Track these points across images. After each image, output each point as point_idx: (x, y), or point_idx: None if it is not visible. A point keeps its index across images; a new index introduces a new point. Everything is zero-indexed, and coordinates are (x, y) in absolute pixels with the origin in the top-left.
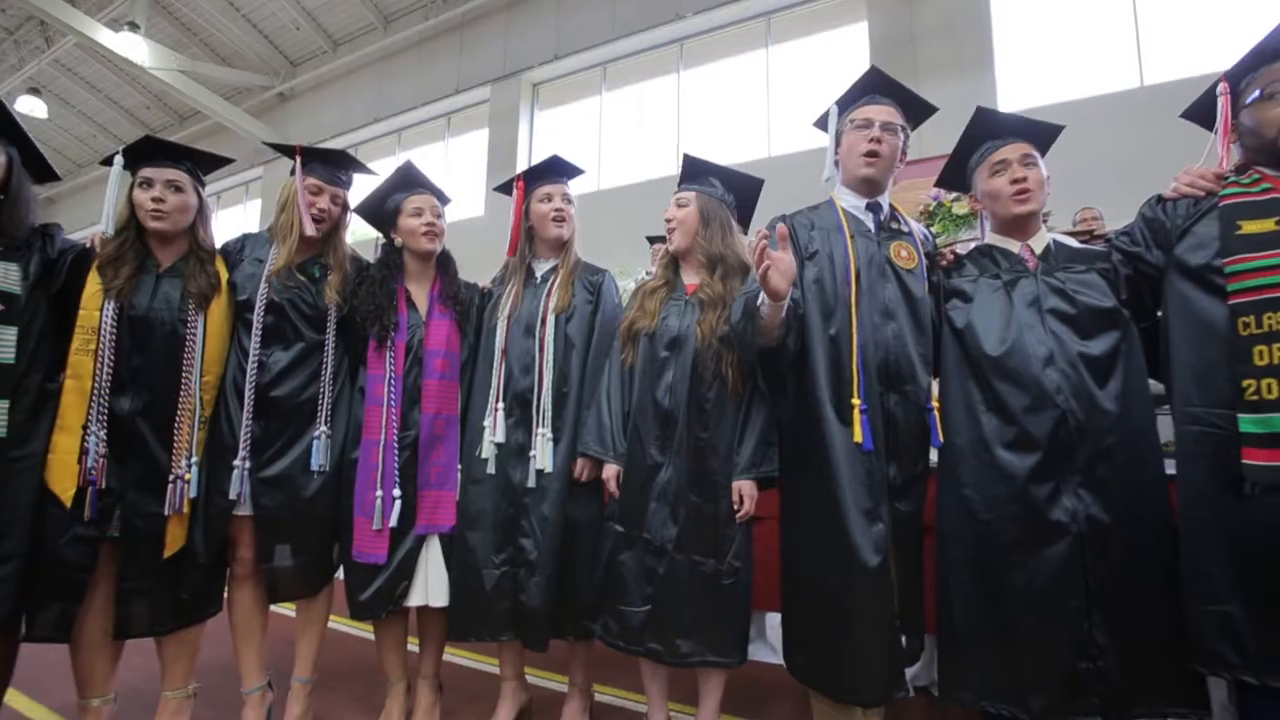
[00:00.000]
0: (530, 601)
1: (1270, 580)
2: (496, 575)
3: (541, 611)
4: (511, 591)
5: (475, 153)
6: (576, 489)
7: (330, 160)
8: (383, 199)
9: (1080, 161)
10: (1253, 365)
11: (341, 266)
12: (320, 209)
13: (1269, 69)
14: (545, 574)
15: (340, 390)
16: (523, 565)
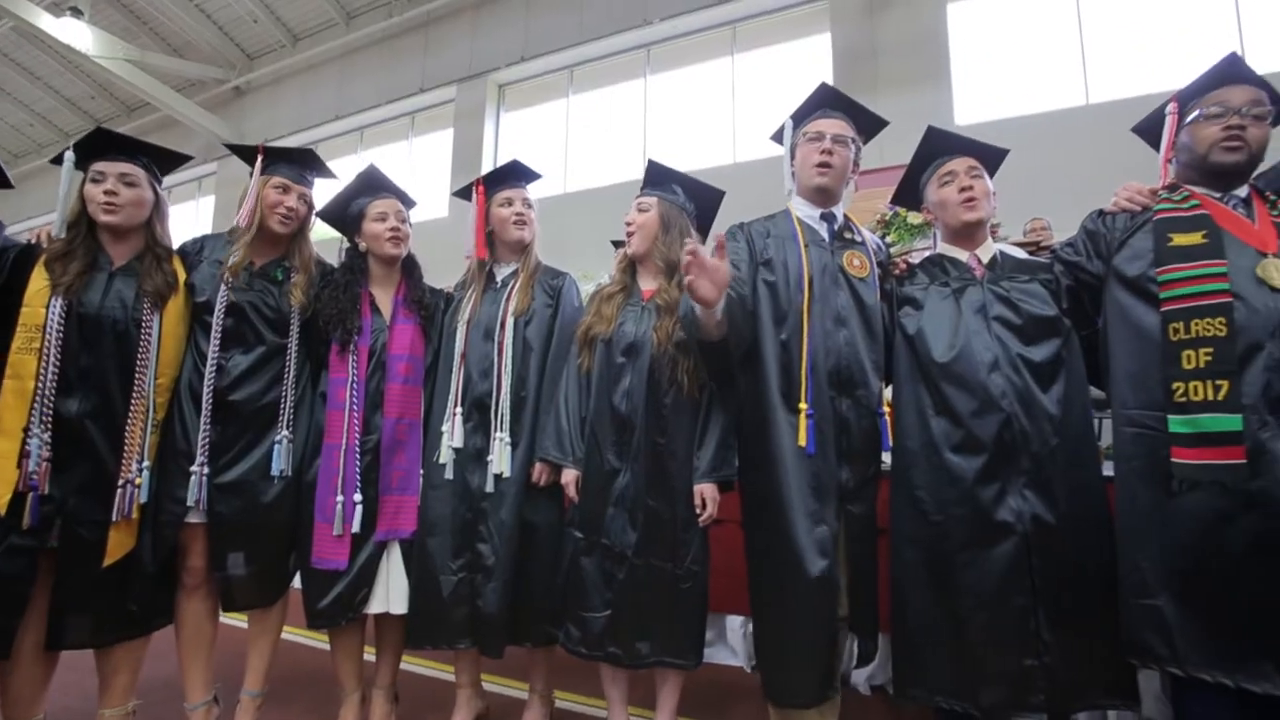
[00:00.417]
0: (487, 607)
1: (1195, 575)
2: (454, 581)
3: (498, 618)
4: (469, 598)
5: (440, 153)
6: (534, 493)
7: (295, 159)
8: (347, 203)
9: (1030, 174)
10: (1181, 369)
11: (307, 268)
12: (289, 208)
13: (1213, 94)
14: (502, 579)
15: (302, 394)
16: (480, 571)
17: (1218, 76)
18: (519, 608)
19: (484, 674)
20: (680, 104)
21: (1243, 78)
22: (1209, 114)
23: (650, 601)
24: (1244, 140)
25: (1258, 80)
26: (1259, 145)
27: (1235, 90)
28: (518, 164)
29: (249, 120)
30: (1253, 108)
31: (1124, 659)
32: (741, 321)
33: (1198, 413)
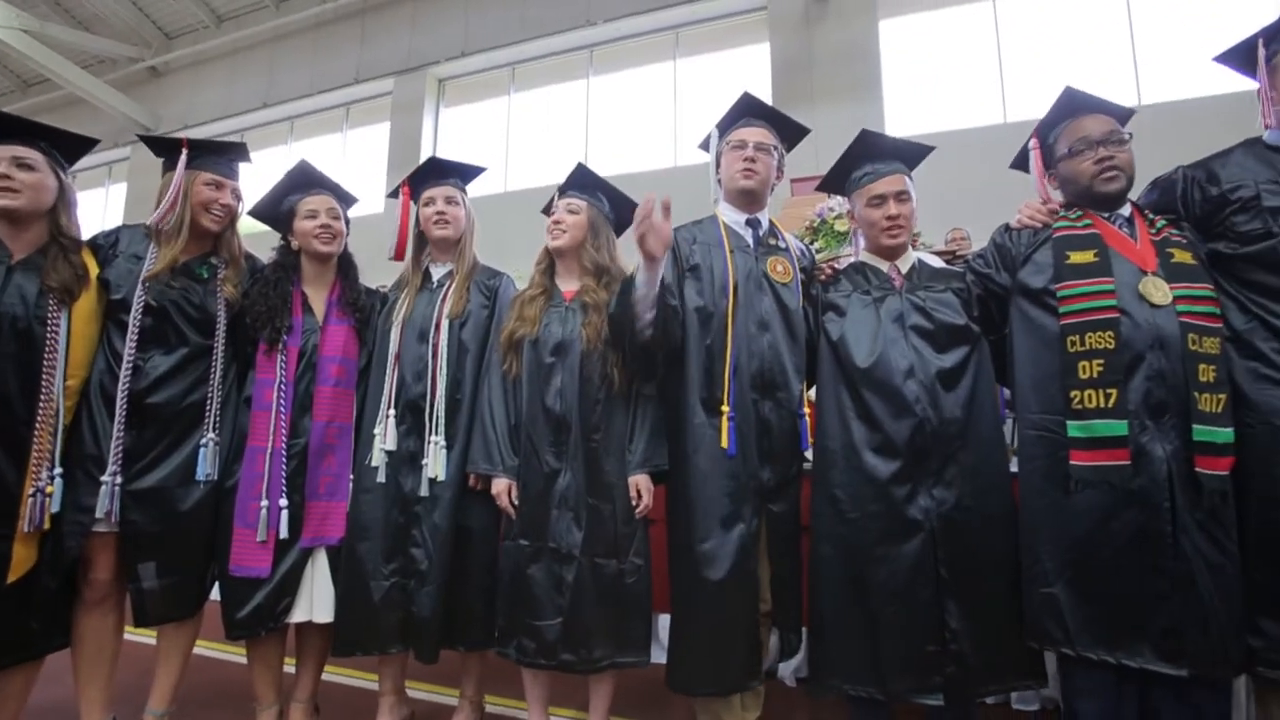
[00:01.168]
0: (421, 612)
1: (1086, 565)
2: (386, 586)
3: (432, 622)
4: (401, 603)
5: (376, 147)
6: (470, 497)
7: (225, 152)
8: (279, 199)
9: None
10: (1078, 378)
11: (237, 264)
12: (224, 205)
13: (1069, 125)
14: (436, 584)
15: (228, 397)
16: (413, 576)
17: (1066, 109)
18: (453, 612)
19: (410, 681)
20: (623, 106)
21: (1090, 107)
22: (1076, 149)
23: (599, 601)
24: (1118, 168)
25: (1100, 105)
26: (1130, 167)
27: (1090, 121)
28: (436, 161)
29: (167, 104)
30: (1112, 136)
31: (1027, 643)
32: (669, 324)
33: (1091, 419)
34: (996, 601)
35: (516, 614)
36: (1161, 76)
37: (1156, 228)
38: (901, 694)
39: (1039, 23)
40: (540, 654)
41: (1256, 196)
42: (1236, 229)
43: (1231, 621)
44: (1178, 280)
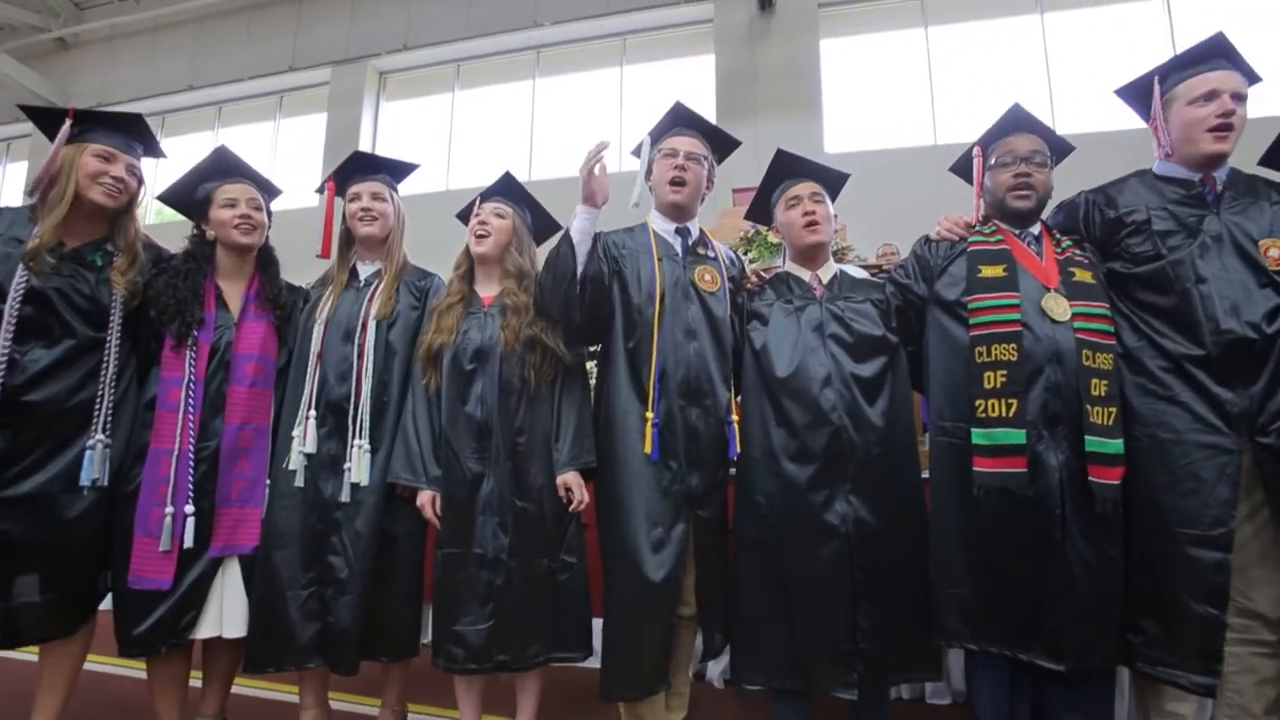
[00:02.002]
0: (339, 622)
1: (986, 567)
2: (303, 596)
3: (351, 633)
4: (319, 613)
5: (311, 138)
6: (395, 503)
7: (118, 125)
8: (193, 185)
9: (886, 203)
10: (983, 388)
11: (134, 252)
12: (115, 178)
13: (1004, 141)
14: (355, 593)
15: (124, 395)
16: (331, 584)
17: (1008, 125)
18: (375, 621)
19: (331, 692)
20: (568, 110)
21: (1026, 126)
22: (1002, 161)
23: (532, 600)
24: (1031, 187)
25: (1038, 128)
26: (1044, 189)
27: (1021, 139)
28: (360, 155)
29: (78, 79)
30: (1035, 156)
31: (931, 640)
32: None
33: (994, 427)
34: (903, 602)
35: (443, 622)
36: (1076, 109)
37: (1062, 247)
38: (819, 686)
39: (967, 52)
40: (470, 659)
41: (1148, 221)
42: (1130, 250)
43: (1107, 621)
44: (1077, 298)
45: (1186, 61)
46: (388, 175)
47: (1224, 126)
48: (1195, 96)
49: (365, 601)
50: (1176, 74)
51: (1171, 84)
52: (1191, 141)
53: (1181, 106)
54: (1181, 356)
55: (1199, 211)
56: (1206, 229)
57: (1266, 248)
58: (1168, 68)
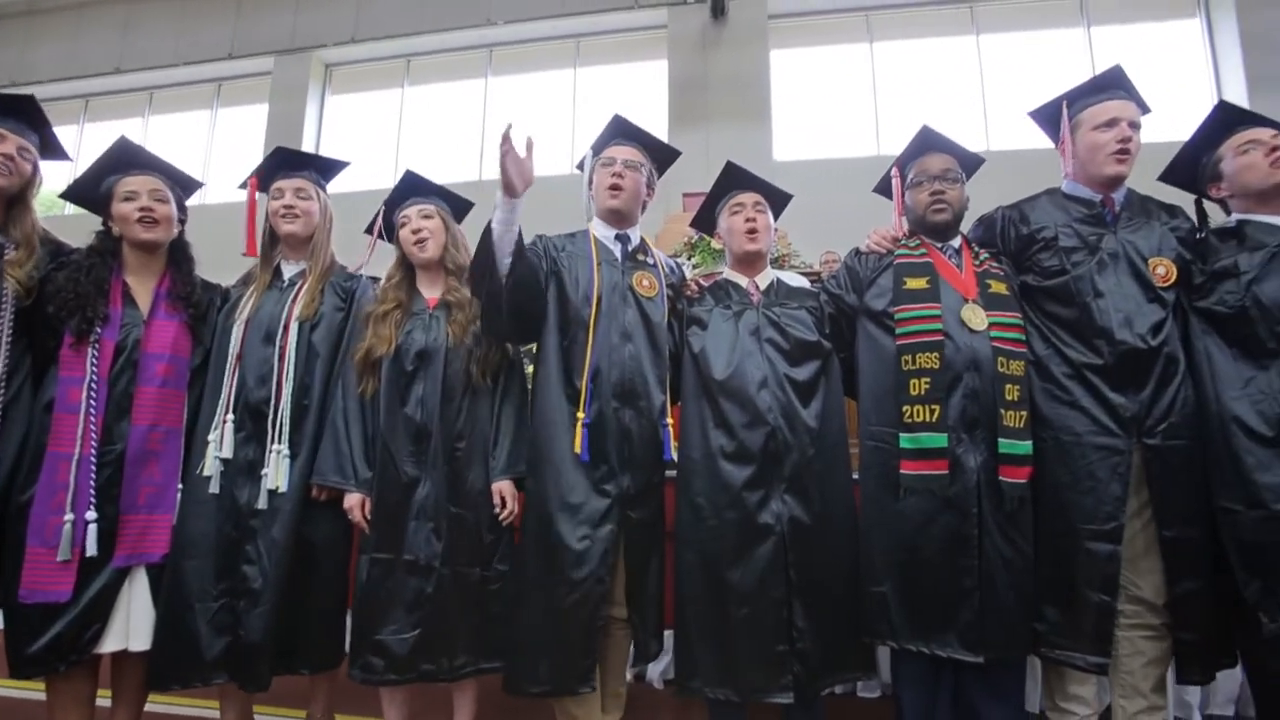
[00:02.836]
0: (249, 636)
1: (909, 565)
2: (213, 609)
3: (262, 647)
4: (229, 626)
5: (252, 130)
6: (315, 509)
7: (7, 106)
8: (96, 179)
9: (830, 210)
10: (909, 394)
11: (29, 244)
12: (5, 156)
13: (919, 161)
14: (269, 604)
15: (15, 398)
16: (244, 595)
17: (920, 146)
18: (292, 633)
19: (256, 706)
20: (521, 109)
21: (937, 146)
22: (917, 181)
23: (461, 610)
24: (946, 203)
25: (948, 147)
26: (959, 204)
27: (933, 158)
28: (284, 151)
29: None
30: (947, 173)
31: (860, 638)
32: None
33: (919, 431)
34: (837, 601)
35: (366, 631)
36: (1008, 126)
37: (980, 259)
38: (755, 695)
39: (908, 68)
40: (391, 670)
41: (1055, 237)
42: (1040, 265)
43: (1021, 612)
44: (993, 309)
45: (1090, 90)
46: (315, 173)
47: (1123, 151)
48: (1099, 122)
49: (279, 613)
50: (1082, 100)
51: (1078, 109)
52: (1095, 163)
53: (1087, 131)
54: (1082, 364)
55: (1099, 230)
56: (1104, 247)
57: (1154, 265)
58: (1074, 94)
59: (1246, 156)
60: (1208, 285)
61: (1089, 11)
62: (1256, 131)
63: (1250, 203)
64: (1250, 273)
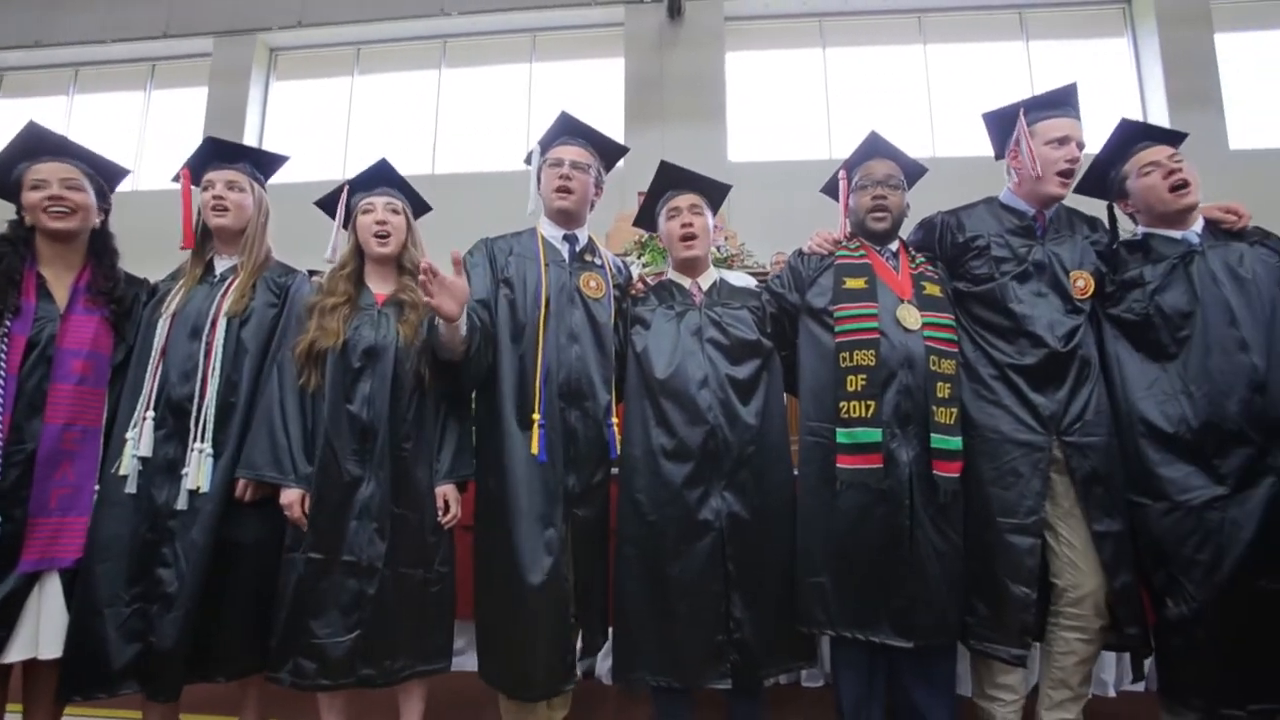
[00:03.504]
0: (161, 643)
1: (845, 557)
2: (125, 614)
3: (173, 654)
4: (141, 633)
5: (190, 114)
6: (240, 509)
7: None
8: (8, 166)
9: (783, 212)
10: (846, 390)
11: None
12: None
13: (865, 166)
14: (184, 609)
15: None
16: (158, 600)
17: (867, 150)
18: (210, 639)
19: (183, 714)
20: (475, 104)
21: (883, 152)
22: (861, 184)
23: (403, 612)
24: (887, 209)
25: (893, 153)
26: (898, 210)
27: (878, 164)
28: (213, 141)
29: None
30: (890, 180)
31: (798, 628)
32: (484, 349)
33: (855, 427)
34: (775, 593)
35: (296, 633)
36: (953, 135)
37: (916, 262)
38: (695, 680)
39: (859, 74)
40: (324, 674)
41: (988, 246)
42: (972, 271)
43: (952, 600)
44: (927, 309)
45: (1047, 103)
46: (250, 165)
47: (1069, 173)
48: (1051, 138)
49: (194, 619)
50: (1037, 112)
51: (1033, 120)
52: (1043, 180)
53: (1039, 144)
54: (1007, 366)
55: (1029, 242)
56: (1032, 258)
57: (1075, 279)
58: (1031, 104)
59: (1148, 179)
60: (1117, 294)
61: (1028, 27)
62: (1156, 152)
63: (1153, 219)
64: (1153, 283)
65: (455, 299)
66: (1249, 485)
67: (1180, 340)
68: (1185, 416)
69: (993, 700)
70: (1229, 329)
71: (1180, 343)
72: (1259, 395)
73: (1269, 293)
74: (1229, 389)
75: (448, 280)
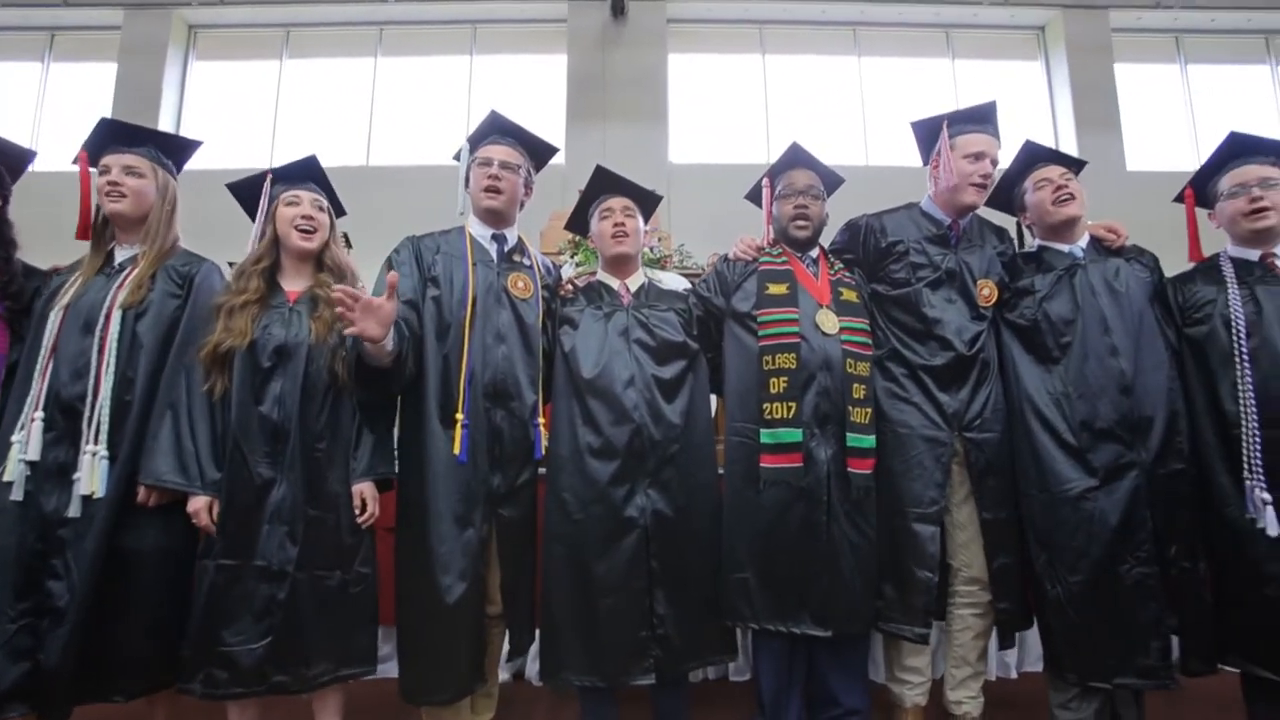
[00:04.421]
0: (48, 661)
1: (767, 552)
2: (11, 631)
3: (61, 672)
4: (30, 650)
5: (98, 90)
6: (139, 515)
7: None
8: None
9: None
10: (769, 392)
11: None
12: None
13: (787, 175)
14: (73, 624)
15: None
16: (48, 614)
17: (790, 160)
18: (109, 656)
19: None
20: (413, 94)
21: (804, 163)
22: (784, 193)
23: (319, 616)
24: (808, 218)
25: (814, 164)
26: (819, 219)
27: (799, 174)
28: (113, 124)
29: None
30: (811, 189)
31: (723, 622)
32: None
33: (777, 427)
34: (698, 589)
35: (208, 642)
36: (886, 144)
37: (835, 269)
38: (619, 679)
39: (797, 82)
40: (236, 682)
41: (906, 251)
42: (891, 275)
43: (866, 590)
44: (844, 314)
45: (969, 117)
46: (154, 149)
47: (982, 185)
48: (968, 152)
49: (85, 634)
50: (960, 125)
51: (955, 133)
52: (958, 191)
53: (958, 157)
54: (918, 366)
55: (943, 250)
56: (945, 264)
57: (981, 287)
58: (955, 117)
59: (1040, 193)
60: (1013, 301)
61: (954, 45)
62: (1050, 170)
63: (1045, 231)
64: (1042, 291)
65: (381, 322)
66: (1116, 477)
67: (1064, 345)
68: (1067, 415)
69: (903, 683)
70: (1104, 336)
71: (1064, 348)
72: (1126, 397)
73: (1138, 305)
74: (1102, 390)
75: (375, 303)
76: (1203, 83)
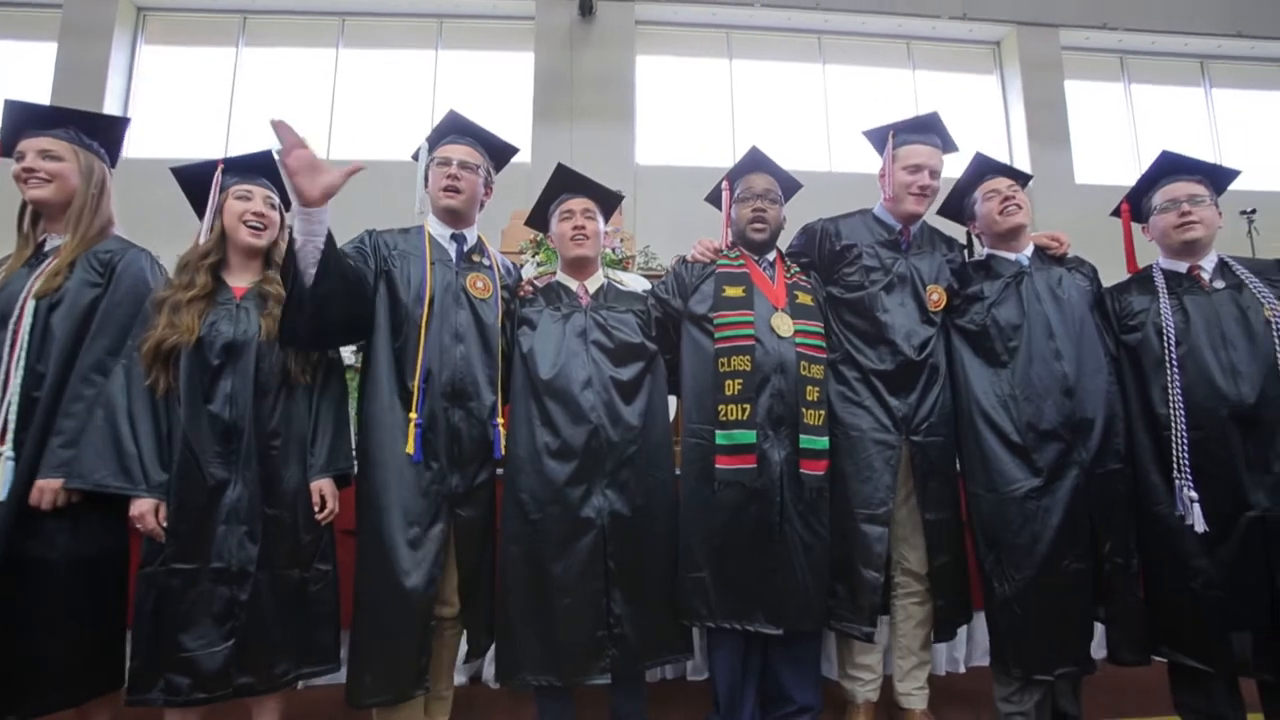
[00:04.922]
0: None
1: (723, 552)
2: None
3: None
4: None
5: (37, 73)
6: (48, 520)
7: None
8: None
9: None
10: (724, 394)
11: None
12: None
13: (746, 179)
14: None
15: None
16: None
17: (749, 164)
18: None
19: None
20: (376, 87)
21: (762, 167)
22: (742, 197)
23: (281, 615)
24: (766, 222)
25: (772, 169)
26: (775, 223)
27: (758, 178)
28: (21, 106)
29: None
30: (769, 193)
31: (679, 621)
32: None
33: (732, 429)
34: (655, 588)
35: (162, 650)
36: (848, 150)
37: (791, 272)
38: (576, 678)
39: (763, 87)
40: (200, 688)
41: (860, 255)
42: (845, 279)
43: (818, 589)
44: (799, 317)
45: (911, 128)
46: (77, 130)
47: (922, 195)
48: (909, 163)
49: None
50: (904, 134)
51: (900, 142)
52: (899, 199)
53: (899, 168)
54: (869, 370)
55: (895, 255)
56: (896, 270)
57: (931, 292)
58: (899, 127)
59: (989, 203)
60: (962, 307)
61: (914, 56)
62: (998, 181)
63: (993, 240)
64: (991, 298)
65: (321, 186)
66: (1059, 477)
67: (1011, 350)
68: (1014, 416)
69: (854, 680)
70: (1048, 341)
71: (1011, 352)
72: (1069, 399)
73: (1080, 312)
74: (1046, 392)
75: (321, 164)
76: (1145, 101)
